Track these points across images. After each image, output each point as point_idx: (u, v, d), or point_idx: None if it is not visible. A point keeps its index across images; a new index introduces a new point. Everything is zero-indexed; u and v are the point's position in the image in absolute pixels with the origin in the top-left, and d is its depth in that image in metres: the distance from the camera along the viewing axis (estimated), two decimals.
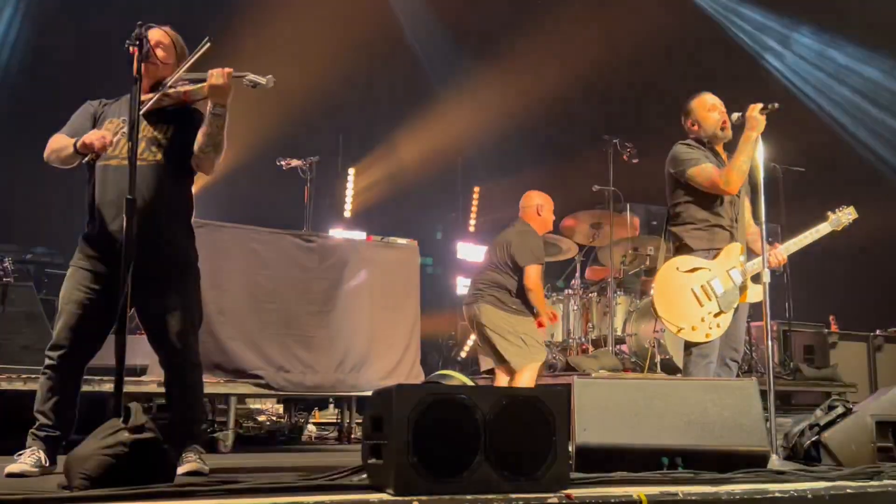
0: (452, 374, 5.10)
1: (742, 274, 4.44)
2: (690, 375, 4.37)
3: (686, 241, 4.53)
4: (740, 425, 3.47)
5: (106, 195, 3.61)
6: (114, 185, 3.59)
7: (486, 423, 2.67)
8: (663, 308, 4.41)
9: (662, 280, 4.47)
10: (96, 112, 3.77)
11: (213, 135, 3.58)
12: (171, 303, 3.63)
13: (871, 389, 7.82)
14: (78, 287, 3.61)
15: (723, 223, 4.52)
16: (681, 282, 4.41)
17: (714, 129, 4.60)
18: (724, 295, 4.40)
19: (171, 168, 3.66)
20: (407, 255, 6.55)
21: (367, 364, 6.07)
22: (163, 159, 3.64)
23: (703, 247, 4.48)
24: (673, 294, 4.41)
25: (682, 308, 4.37)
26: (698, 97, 4.69)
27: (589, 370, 6.63)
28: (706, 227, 4.52)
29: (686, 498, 2.75)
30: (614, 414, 3.46)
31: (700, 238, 4.51)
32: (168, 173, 3.64)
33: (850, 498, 2.95)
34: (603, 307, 7.57)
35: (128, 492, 2.49)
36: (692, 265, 4.44)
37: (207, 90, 3.53)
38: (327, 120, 10.86)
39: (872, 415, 3.83)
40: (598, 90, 11.36)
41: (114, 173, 3.60)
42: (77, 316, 3.58)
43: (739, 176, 4.40)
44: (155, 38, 3.64)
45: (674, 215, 4.65)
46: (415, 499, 2.51)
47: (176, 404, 3.73)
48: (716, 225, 4.51)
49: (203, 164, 3.68)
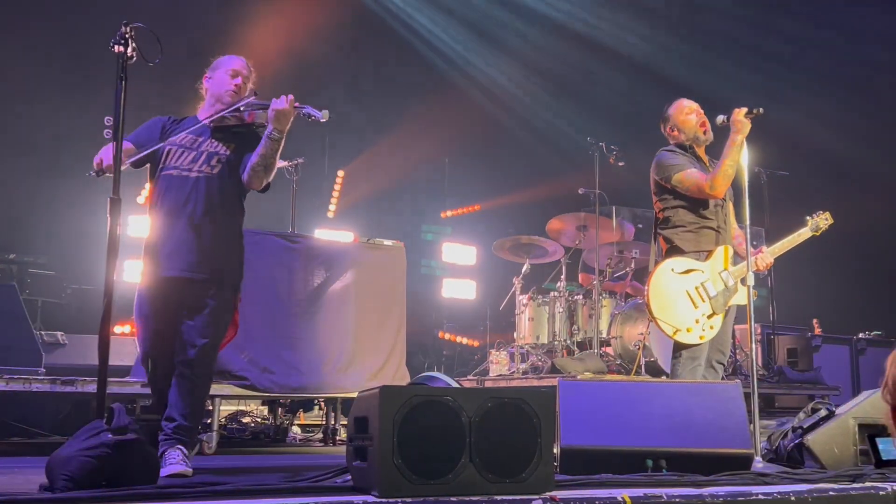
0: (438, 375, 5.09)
1: (732, 276, 4.47)
2: (678, 377, 4.38)
3: (677, 244, 4.55)
4: (724, 428, 3.49)
5: (164, 204, 3.86)
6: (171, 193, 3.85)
7: (471, 425, 2.67)
8: (658, 309, 4.40)
9: (657, 282, 4.46)
10: (165, 126, 4.02)
11: (268, 156, 3.81)
12: (205, 314, 3.81)
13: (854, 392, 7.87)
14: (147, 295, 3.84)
15: (711, 225, 4.55)
16: (676, 283, 4.43)
17: (694, 131, 4.62)
18: (717, 297, 4.43)
19: (225, 182, 3.90)
20: (393, 256, 6.53)
21: (352, 365, 6.05)
22: (218, 173, 3.89)
23: (694, 248, 4.52)
24: (668, 296, 4.41)
25: (678, 310, 4.38)
26: (675, 103, 4.70)
27: (574, 372, 6.64)
28: (695, 230, 4.55)
29: (670, 500, 2.77)
30: (599, 416, 3.47)
31: (690, 240, 4.54)
32: (221, 187, 3.89)
33: (832, 500, 2.97)
34: (588, 310, 7.59)
35: (110, 494, 2.48)
36: (687, 267, 4.46)
37: (271, 115, 3.76)
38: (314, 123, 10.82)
39: (855, 418, 3.86)
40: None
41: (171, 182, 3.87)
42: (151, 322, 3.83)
43: (725, 180, 4.43)
44: (236, 67, 4.02)
45: (662, 219, 4.67)
46: (400, 500, 2.51)
47: (176, 409, 3.73)
48: (705, 227, 4.55)
49: (253, 182, 3.88)
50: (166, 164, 3.87)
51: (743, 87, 10.92)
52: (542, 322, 7.83)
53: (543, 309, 7.83)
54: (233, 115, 3.94)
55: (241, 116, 3.95)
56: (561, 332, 7.68)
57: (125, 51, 3.29)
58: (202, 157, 3.87)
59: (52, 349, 6.41)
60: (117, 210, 3.16)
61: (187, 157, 3.88)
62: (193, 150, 3.89)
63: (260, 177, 3.84)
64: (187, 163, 3.85)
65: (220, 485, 2.73)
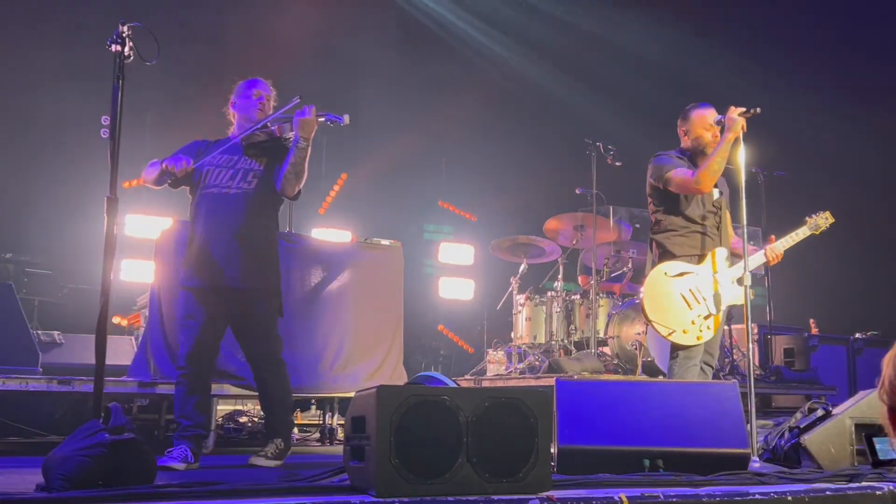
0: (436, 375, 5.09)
1: (726, 277, 4.51)
2: (676, 378, 4.40)
3: (668, 248, 4.61)
4: (721, 428, 3.50)
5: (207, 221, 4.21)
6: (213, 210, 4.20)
7: (468, 425, 2.67)
8: (653, 312, 4.45)
9: (651, 285, 4.51)
10: (200, 148, 4.36)
11: (297, 164, 4.17)
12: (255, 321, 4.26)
13: (851, 392, 7.88)
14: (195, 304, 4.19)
15: (701, 230, 4.61)
16: (669, 286, 4.47)
17: (703, 146, 4.63)
18: (711, 298, 4.47)
19: (261, 195, 4.24)
20: (391, 255, 6.52)
21: (349, 365, 6.04)
22: (255, 188, 4.23)
23: (686, 252, 4.57)
24: (662, 298, 4.45)
25: (673, 312, 4.43)
26: (700, 110, 4.65)
27: (571, 372, 6.65)
28: (687, 234, 4.60)
29: (667, 500, 2.77)
30: (596, 416, 3.47)
31: (682, 244, 4.59)
32: (257, 200, 4.23)
33: (829, 500, 2.97)
34: (585, 309, 7.59)
35: (107, 493, 2.47)
36: (679, 270, 4.51)
37: (296, 125, 4.13)
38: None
39: (852, 417, 3.87)
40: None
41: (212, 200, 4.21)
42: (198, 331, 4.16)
43: (711, 176, 4.46)
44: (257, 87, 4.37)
45: (654, 223, 4.74)
46: (397, 500, 2.50)
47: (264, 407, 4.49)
48: (694, 231, 4.60)
49: (286, 189, 4.23)
50: (206, 183, 4.23)
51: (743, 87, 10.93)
52: (539, 322, 7.84)
53: (541, 309, 7.83)
54: (262, 131, 4.28)
55: (270, 131, 4.28)
56: (558, 331, 7.68)
57: (122, 50, 3.28)
58: (239, 175, 4.23)
59: (48, 348, 6.41)
60: (114, 209, 3.16)
61: (225, 175, 4.24)
62: (231, 169, 4.25)
63: (292, 184, 4.19)
64: (226, 181, 4.22)
65: (218, 484, 2.72)
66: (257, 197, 4.23)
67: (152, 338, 5.41)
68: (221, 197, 4.19)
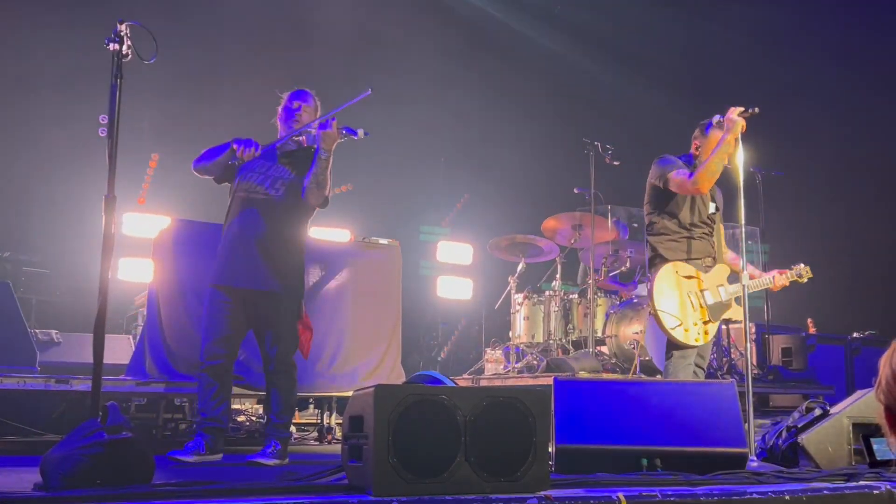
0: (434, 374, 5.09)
1: (727, 293, 4.62)
2: (672, 377, 4.45)
3: (660, 252, 4.67)
4: (719, 427, 3.50)
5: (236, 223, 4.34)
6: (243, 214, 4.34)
7: (466, 424, 2.67)
8: (662, 302, 4.50)
9: (662, 278, 4.56)
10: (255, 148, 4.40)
11: (318, 174, 4.30)
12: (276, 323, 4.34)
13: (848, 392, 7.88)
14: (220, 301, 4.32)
15: (694, 235, 4.68)
16: (679, 284, 4.55)
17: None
18: (713, 307, 4.57)
19: (287, 203, 4.37)
20: (389, 255, 6.52)
21: (348, 364, 6.04)
22: (282, 195, 4.37)
23: (679, 257, 4.64)
24: (671, 293, 4.53)
25: (679, 307, 4.51)
26: (719, 132, 4.54)
27: (569, 371, 6.65)
28: (679, 239, 4.67)
29: (665, 499, 2.77)
30: (594, 415, 3.47)
31: (674, 249, 4.66)
32: (284, 207, 4.36)
33: (826, 499, 2.97)
34: (583, 309, 7.60)
35: (105, 493, 2.47)
36: (689, 272, 4.60)
37: (318, 136, 4.27)
38: None
39: (849, 417, 3.87)
40: None
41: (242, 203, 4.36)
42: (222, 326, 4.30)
43: (709, 176, 4.49)
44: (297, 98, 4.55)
45: (648, 225, 4.80)
46: (395, 499, 2.50)
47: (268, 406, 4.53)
48: (686, 237, 4.67)
49: (310, 198, 4.38)
50: (240, 186, 4.41)
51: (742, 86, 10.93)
52: (537, 321, 7.84)
53: (539, 308, 7.84)
54: (293, 141, 4.46)
55: (300, 141, 4.47)
56: (556, 331, 7.69)
57: (120, 49, 3.28)
58: (269, 181, 4.39)
59: (46, 347, 6.41)
60: (112, 208, 3.16)
61: (257, 180, 4.40)
62: (262, 175, 4.41)
63: (314, 193, 4.33)
64: (257, 186, 4.38)
65: (215, 483, 2.72)
66: (284, 204, 4.37)
67: (150, 337, 5.41)
68: (252, 201, 4.35)
